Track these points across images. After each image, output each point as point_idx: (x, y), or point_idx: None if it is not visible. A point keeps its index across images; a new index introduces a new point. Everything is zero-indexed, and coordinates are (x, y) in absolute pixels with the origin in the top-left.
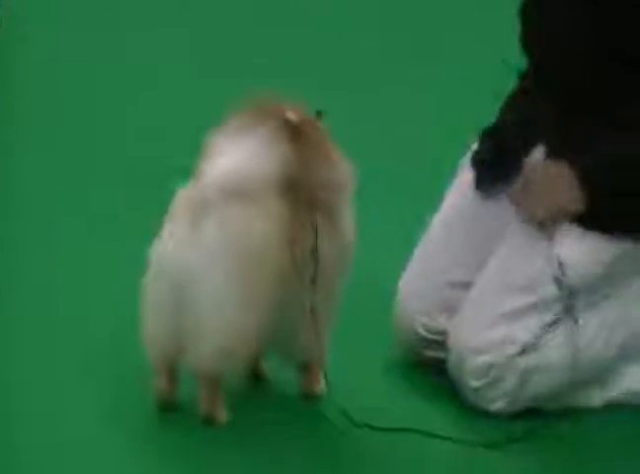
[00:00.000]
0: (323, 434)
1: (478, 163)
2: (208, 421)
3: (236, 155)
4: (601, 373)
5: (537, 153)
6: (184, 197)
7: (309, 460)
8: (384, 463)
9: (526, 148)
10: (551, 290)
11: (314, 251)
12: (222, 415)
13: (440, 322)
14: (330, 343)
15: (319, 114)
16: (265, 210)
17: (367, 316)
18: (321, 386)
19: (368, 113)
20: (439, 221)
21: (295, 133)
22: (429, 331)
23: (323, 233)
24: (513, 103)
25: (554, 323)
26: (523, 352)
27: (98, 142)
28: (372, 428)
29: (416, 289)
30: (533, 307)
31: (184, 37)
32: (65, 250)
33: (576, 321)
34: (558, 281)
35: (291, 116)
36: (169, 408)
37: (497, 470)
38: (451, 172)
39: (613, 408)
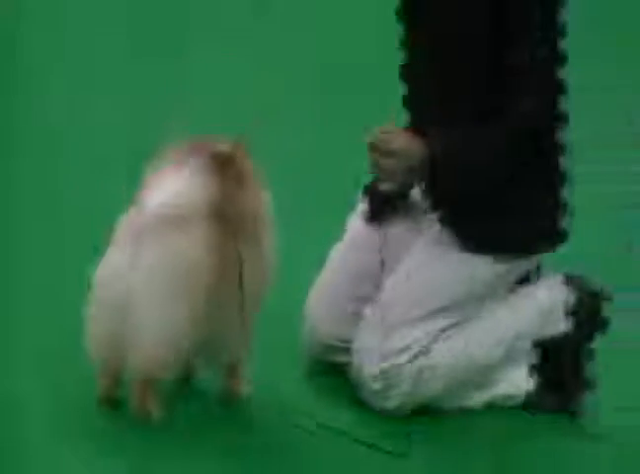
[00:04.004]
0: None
1: (370, 195)
2: (143, 417)
3: (170, 187)
4: (484, 376)
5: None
6: (125, 223)
7: (225, 457)
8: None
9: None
10: (445, 301)
11: (239, 274)
12: (156, 411)
13: (346, 331)
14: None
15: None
16: (195, 236)
17: (281, 329)
18: (245, 388)
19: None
20: (337, 250)
21: (224, 166)
22: (337, 339)
23: (247, 258)
24: None
25: (446, 328)
26: (415, 357)
27: None
28: (299, 427)
29: (323, 310)
30: (427, 317)
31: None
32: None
33: (464, 326)
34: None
35: (222, 148)
36: (110, 405)
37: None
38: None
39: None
